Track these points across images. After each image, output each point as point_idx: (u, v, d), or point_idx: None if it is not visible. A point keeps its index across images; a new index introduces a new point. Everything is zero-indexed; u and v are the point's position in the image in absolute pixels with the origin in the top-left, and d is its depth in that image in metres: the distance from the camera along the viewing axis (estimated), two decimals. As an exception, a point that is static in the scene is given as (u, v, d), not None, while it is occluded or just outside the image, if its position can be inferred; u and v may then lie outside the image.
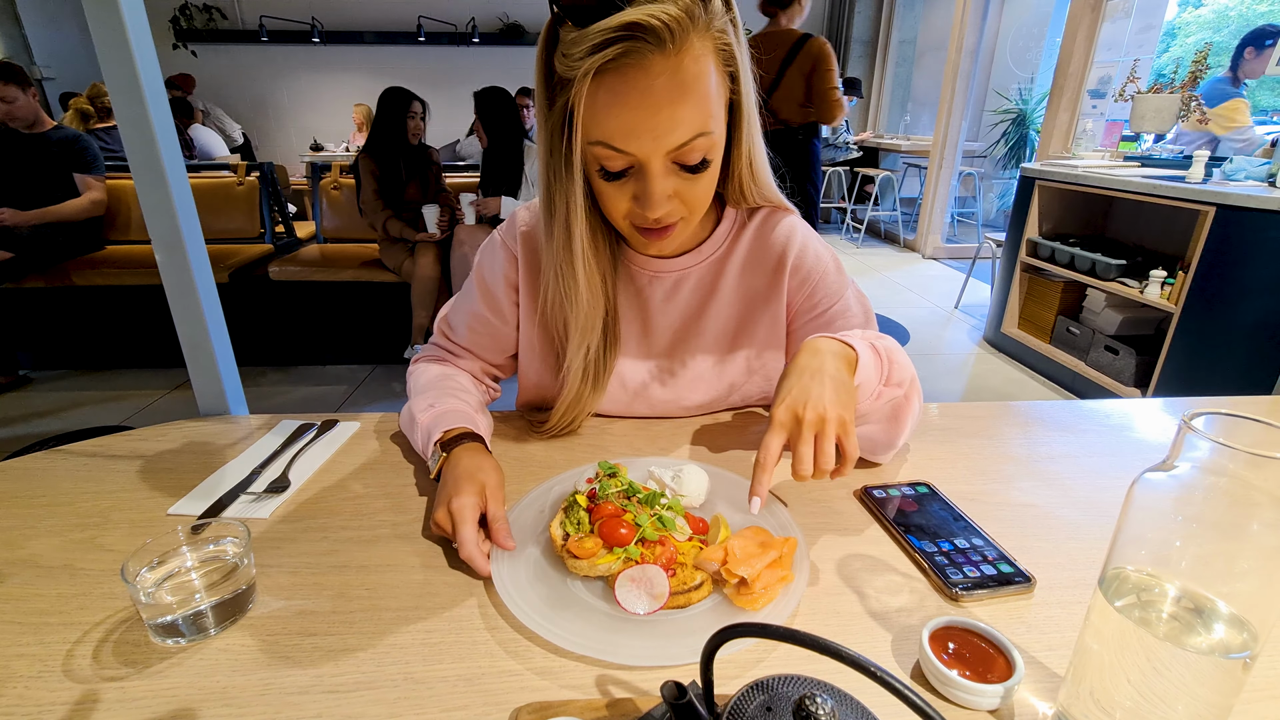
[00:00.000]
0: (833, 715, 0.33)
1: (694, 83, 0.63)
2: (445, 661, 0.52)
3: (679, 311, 0.88)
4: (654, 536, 0.59)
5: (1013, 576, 0.60)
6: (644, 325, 0.88)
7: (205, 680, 0.50)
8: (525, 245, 0.87)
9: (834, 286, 0.86)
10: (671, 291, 0.87)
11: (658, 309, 0.88)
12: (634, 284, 0.87)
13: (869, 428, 0.77)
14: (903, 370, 0.72)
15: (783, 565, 0.57)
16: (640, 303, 0.88)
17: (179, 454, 0.84)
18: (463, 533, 0.60)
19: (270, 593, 0.59)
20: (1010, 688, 0.47)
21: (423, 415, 0.78)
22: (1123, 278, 2.83)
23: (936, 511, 0.70)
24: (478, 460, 0.70)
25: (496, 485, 0.67)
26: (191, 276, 0.88)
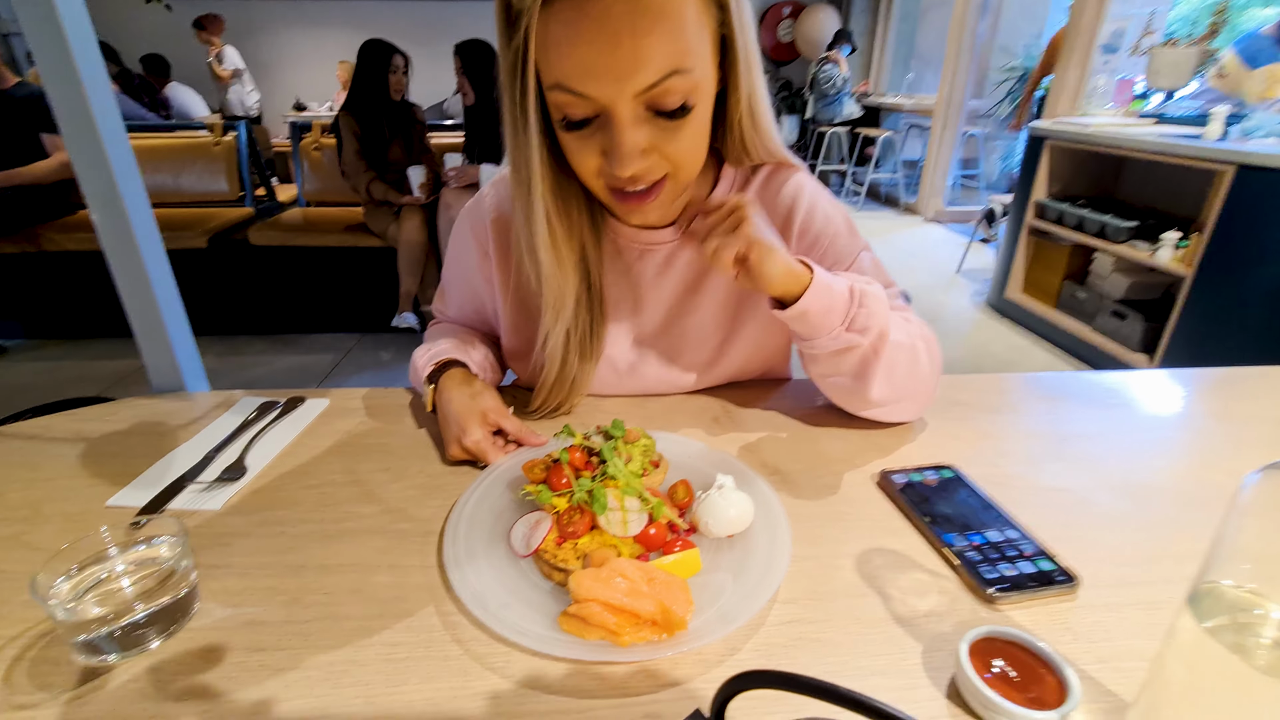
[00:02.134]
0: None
1: (662, 10, 0.53)
2: (411, 682, 0.45)
3: (673, 288, 0.79)
4: (581, 499, 0.56)
5: (1054, 575, 0.54)
6: (635, 304, 0.80)
7: (131, 708, 0.43)
8: (496, 232, 0.78)
9: (846, 249, 0.78)
10: (664, 267, 0.78)
11: (649, 286, 0.79)
12: (622, 260, 0.78)
13: (838, 378, 0.71)
14: (870, 318, 0.65)
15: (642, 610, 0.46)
16: (630, 281, 0.79)
17: (126, 436, 0.76)
18: (492, 460, 0.66)
19: (215, 599, 0.52)
20: (1066, 714, 0.40)
21: (420, 360, 0.78)
22: (1133, 240, 2.74)
23: (964, 499, 0.63)
24: (467, 388, 0.71)
25: (495, 405, 0.70)
26: (134, 238, 0.79)
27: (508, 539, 0.56)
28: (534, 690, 0.44)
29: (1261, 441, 0.76)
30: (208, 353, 0.87)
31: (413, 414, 0.80)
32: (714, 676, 0.45)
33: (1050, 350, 3.07)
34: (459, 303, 0.87)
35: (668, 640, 0.46)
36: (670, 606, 0.47)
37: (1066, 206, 3.01)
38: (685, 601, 0.48)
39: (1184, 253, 2.49)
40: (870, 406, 0.72)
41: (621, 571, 0.48)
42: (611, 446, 0.59)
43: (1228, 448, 0.75)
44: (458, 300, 0.87)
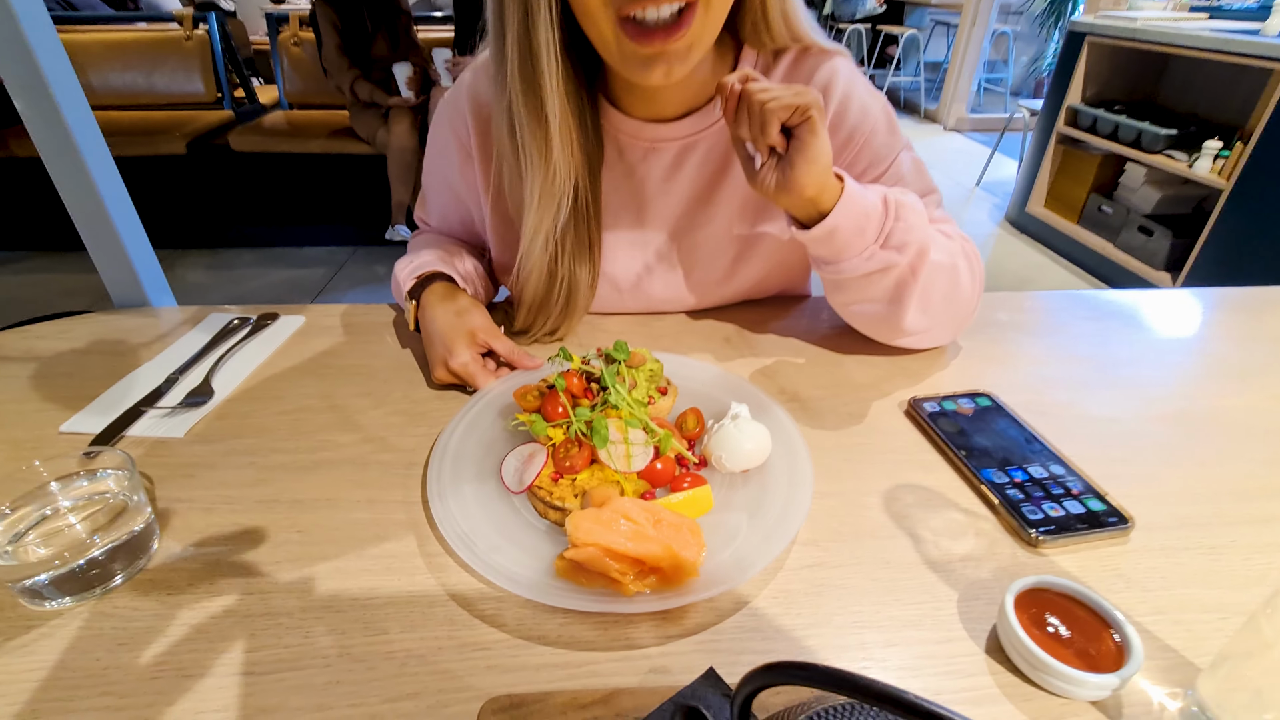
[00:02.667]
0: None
1: None
2: (392, 631, 0.41)
3: (683, 194, 0.70)
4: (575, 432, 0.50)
5: (1104, 516, 0.48)
6: (638, 214, 0.71)
7: (81, 659, 0.39)
8: (478, 125, 0.68)
9: (884, 148, 0.68)
10: (673, 168, 0.68)
11: (655, 192, 0.69)
12: (623, 161, 0.68)
13: (868, 305, 0.64)
14: (909, 232, 0.58)
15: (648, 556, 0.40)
16: (633, 186, 0.69)
17: (83, 355, 0.69)
18: (482, 385, 0.61)
19: (176, 536, 0.47)
20: (1127, 679, 0.36)
21: (402, 273, 0.71)
22: (1170, 150, 2.56)
23: (1003, 430, 0.57)
24: (452, 304, 0.65)
25: (485, 324, 0.64)
26: (70, 137, 0.69)
27: (499, 473, 0.51)
28: (527, 642, 0.40)
29: (1328, 368, 0.69)
30: (195, 266, 0.80)
31: (396, 333, 0.74)
32: (727, 628, 0.41)
33: (1069, 268, 2.95)
34: (441, 211, 0.78)
35: (676, 590, 0.41)
36: (679, 551, 0.41)
37: (1101, 112, 2.80)
38: (696, 545, 0.43)
39: (1224, 163, 2.33)
40: (903, 335, 0.65)
41: (624, 512, 0.43)
42: (614, 371, 0.53)
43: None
44: (440, 208, 0.78)
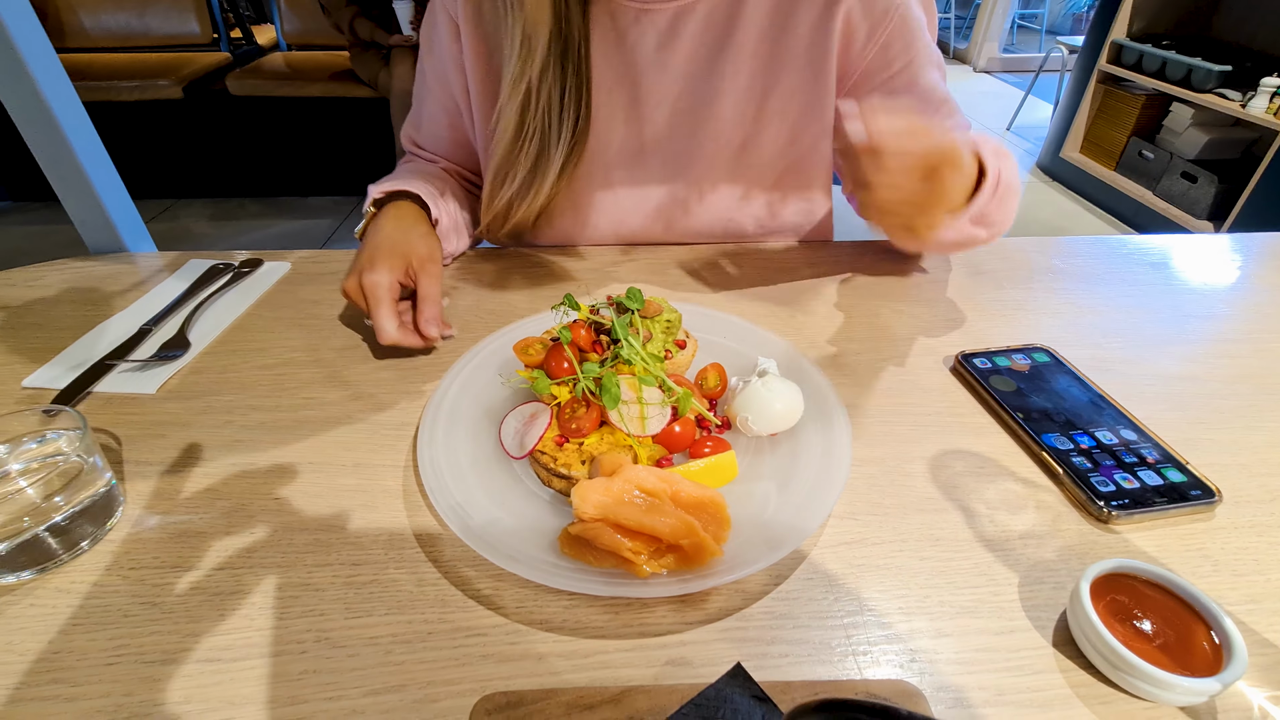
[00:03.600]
0: None
1: None
2: (376, 614, 0.36)
3: (680, 67, 0.62)
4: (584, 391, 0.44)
5: (1186, 489, 0.42)
6: (631, 90, 0.63)
7: (29, 642, 0.35)
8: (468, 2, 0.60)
9: (916, 25, 0.60)
10: (668, 35, 0.60)
11: (648, 63, 0.62)
12: (614, 26, 0.60)
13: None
14: (1001, 210, 0.55)
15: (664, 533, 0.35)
16: (623, 54, 0.61)
17: (54, 304, 0.64)
18: (378, 316, 0.52)
19: (142, 503, 0.43)
20: (1229, 683, 0.30)
21: (374, 187, 0.63)
22: (1222, 88, 2.39)
23: (1065, 389, 0.51)
24: (405, 223, 0.58)
25: (426, 257, 0.56)
26: (28, 72, 0.62)
27: (498, 436, 0.45)
28: (528, 627, 0.35)
29: None
30: (199, 216, 0.75)
31: (390, 280, 0.68)
32: (755, 614, 0.36)
33: (1103, 217, 2.81)
34: (432, 116, 0.71)
35: (697, 571, 0.36)
36: (700, 527, 0.36)
37: (1148, 47, 2.61)
38: (719, 520, 0.38)
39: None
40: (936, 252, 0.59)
41: (638, 482, 0.38)
42: (626, 322, 0.46)
43: (1387, 328, 0.60)
44: (431, 114, 0.71)
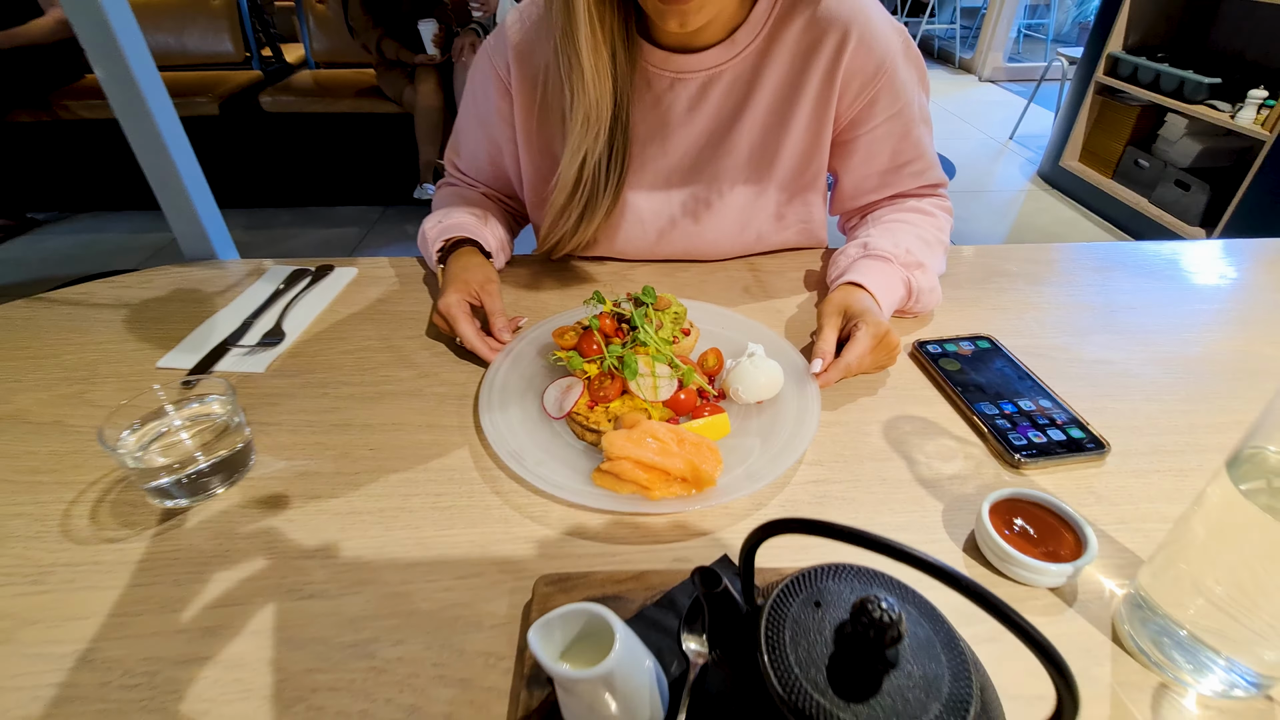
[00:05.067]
0: (899, 622, 0.28)
1: None
2: (457, 527, 0.48)
3: (705, 124, 0.74)
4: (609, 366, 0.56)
5: (1084, 443, 0.54)
6: (663, 144, 0.75)
7: (206, 544, 0.47)
8: (519, 62, 0.72)
9: (902, 87, 0.70)
10: (697, 99, 0.72)
11: (679, 122, 0.73)
12: (651, 91, 0.72)
13: None
14: (919, 304, 0.70)
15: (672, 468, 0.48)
16: (658, 114, 0.73)
17: (166, 303, 0.77)
18: (460, 329, 0.64)
19: (270, 452, 0.55)
20: (1080, 567, 0.42)
21: (431, 231, 0.77)
22: (1213, 100, 2.48)
23: (999, 369, 0.62)
24: (464, 261, 0.72)
25: (484, 280, 0.69)
26: (144, 101, 0.75)
27: (540, 403, 0.58)
28: (571, 537, 0.47)
29: (1323, 314, 0.72)
30: (235, 225, 0.86)
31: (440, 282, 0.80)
32: (741, 529, 0.48)
33: (1099, 224, 2.90)
34: (472, 152, 0.82)
35: (697, 495, 0.48)
36: (699, 465, 0.48)
37: (1142, 60, 2.70)
38: (714, 460, 0.50)
39: (1269, 114, 2.26)
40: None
41: (652, 432, 0.50)
42: (642, 313, 0.59)
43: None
44: (471, 149, 0.82)
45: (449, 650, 0.40)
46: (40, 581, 0.45)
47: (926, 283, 0.68)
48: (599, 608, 0.33)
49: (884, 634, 0.28)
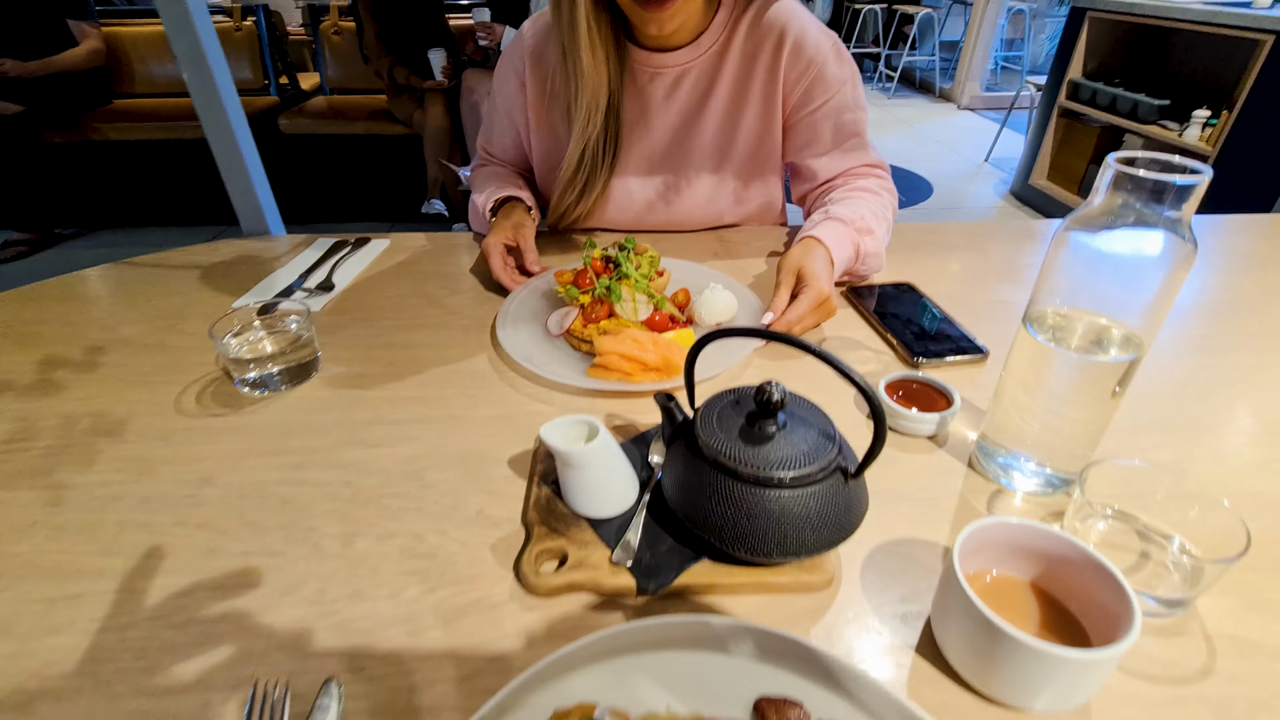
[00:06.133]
0: (784, 396, 0.43)
1: None
2: (482, 405, 0.63)
3: (678, 111, 0.90)
4: (599, 293, 0.72)
5: (969, 348, 0.69)
6: (646, 128, 0.91)
7: (290, 417, 0.62)
8: (533, 64, 0.89)
9: (833, 78, 0.87)
10: (672, 88, 0.89)
11: (658, 108, 0.90)
12: (635, 84, 0.89)
13: None
14: (867, 269, 0.84)
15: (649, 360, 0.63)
16: (641, 103, 0.90)
17: (231, 265, 0.93)
18: (491, 261, 0.82)
19: (331, 362, 0.70)
20: (946, 416, 0.57)
21: (480, 201, 0.94)
22: (1164, 120, 2.69)
23: (912, 303, 0.78)
24: (507, 211, 0.90)
25: (519, 223, 0.86)
26: (217, 91, 0.92)
27: (544, 326, 0.72)
28: (569, 410, 0.62)
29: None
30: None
31: (464, 250, 0.96)
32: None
33: (1068, 236, 3.08)
34: (500, 137, 0.99)
35: (668, 381, 0.62)
36: (670, 357, 0.63)
37: (1100, 85, 2.92)
38: (681, 354, 0.64)
39: (1212, 131, 2.45)
40: None
41: (634, 336, 0.65)
42: (625, 255, 0.74)
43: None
44: (499, 135, 0.99)
45: (478, 476, 0.55)
46: (165, 440, 0.59)
47: (873, 248, 0.82)
48: (589, 416, 0.48)
49: (773, 403, 0.42)
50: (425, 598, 0.44)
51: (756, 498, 0.41)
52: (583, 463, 0.46)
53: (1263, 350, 0.72)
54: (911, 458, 0.57)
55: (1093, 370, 0.47)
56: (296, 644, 0.41)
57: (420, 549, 0.48)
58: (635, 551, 0.45)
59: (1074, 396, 0.48)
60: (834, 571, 0.45)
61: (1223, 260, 0.94)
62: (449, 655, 0.41)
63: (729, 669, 0.37)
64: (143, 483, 0.54)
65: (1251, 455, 0.57)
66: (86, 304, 0.83)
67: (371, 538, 0.49)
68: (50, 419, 0.62)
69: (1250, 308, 0.81)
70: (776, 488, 0.41)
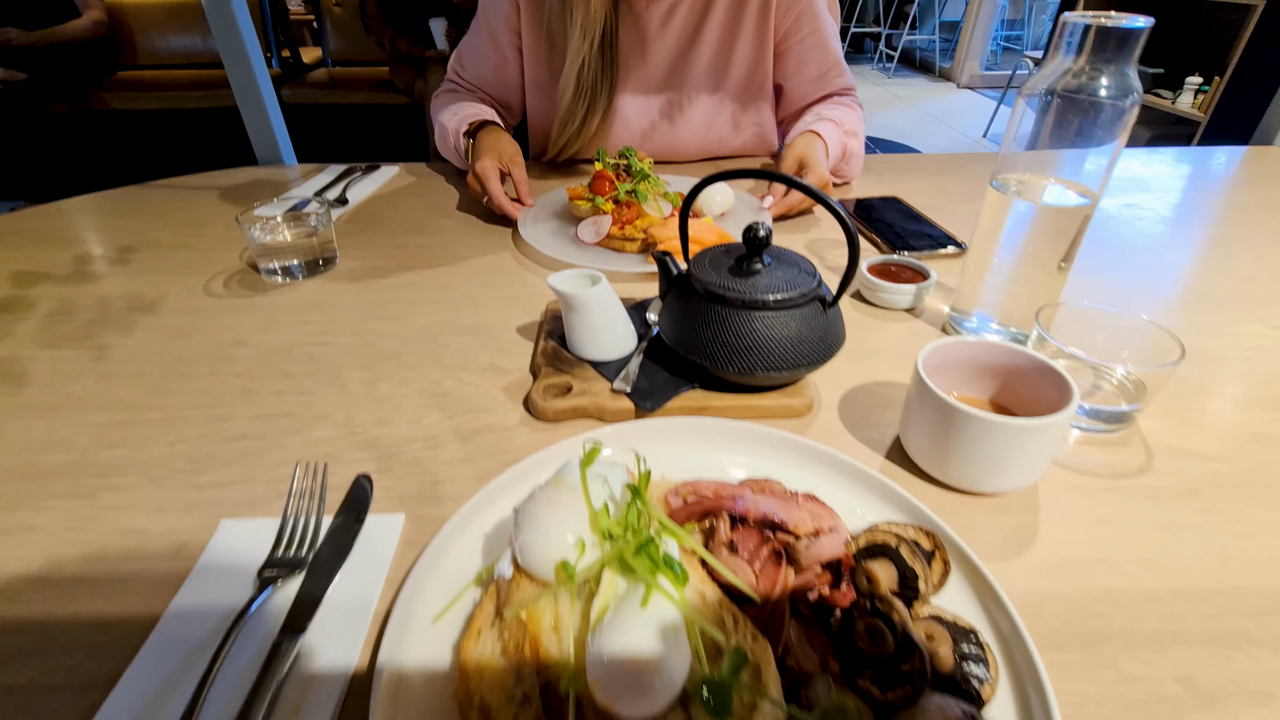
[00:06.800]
0: (770, 233, 0.47)
1: None
2: (493, 289, 0.67)
3: (674, 39, 0.93)
4: (624, 199, 0.75)
5: (947, 242, 0.73)
6: (642, 55, 0.94)
7: (313, 298, 0.66)
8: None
9: (819, 10, 0.92)
10: (667, 16, 0.92)
11: (655, 36, 0.93)
12: (632, 11, 0.92)
13: None
14: (850, 170, 0.92)
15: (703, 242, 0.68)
16: (638, 31, 0.93)
17: (249, 186, 0.97)
18: (490, 188, 0.80)
19: (349, 258, 0.74)
20: (921, 289, 0.61)
21: (450, 123, 0.92)
22: (1158, 89, 2.72)
23: (898, 210, 0.82)
24: (494, 137, 0.87)
25: (514, 152, 0.85)
26: (234, 19, 0.95)
27: (574, 235, 0.76)
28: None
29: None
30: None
31: (460, 175, 1.00)
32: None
33: (1062, 207, 3.12)
34: (478, 61, 0.99)
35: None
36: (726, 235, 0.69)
37: (1096, 56, 2.95)
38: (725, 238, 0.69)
39: (1204, 98, 2.49)
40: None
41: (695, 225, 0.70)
42: (634, 157, 0.79)
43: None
44: (477, 59, 0.99)
45: (489, 340, 0.59)
46: (197, 314, 0.64)
47: (856, 149, 0.90)
48: (592, 270, 0.52)
49: (759, 238, 0.47)
50: (444, 423, 0.49)
51: (744, 320, 0.46)
52: (586, 306, 0.51)
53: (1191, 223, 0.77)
54: (891, 326, 0.61)
55: (1049, 217, 0.51)
56: (329, 454, 0.46)
57: (438, 390, 0.53)
58: (634, 380, 0.50)
59: (1031, 251, 0.53)
60: (814, 398, 0.50)
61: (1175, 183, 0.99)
62: (466, 461, 0.45)
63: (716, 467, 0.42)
64: (179, 345, 0.59)
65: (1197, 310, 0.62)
66: (113, 216, 0.88)
67: (393, 382, 0.54)
68: (88, 299, 0.66)
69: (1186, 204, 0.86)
70: (761, 309, 0.46)
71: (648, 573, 0.27)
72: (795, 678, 0.28)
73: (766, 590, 0.31)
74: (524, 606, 0.29)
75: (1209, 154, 1.13)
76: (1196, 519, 0.41)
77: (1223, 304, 0.65)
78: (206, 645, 0.32)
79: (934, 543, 0.34)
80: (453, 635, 0.32)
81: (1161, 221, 0.85)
